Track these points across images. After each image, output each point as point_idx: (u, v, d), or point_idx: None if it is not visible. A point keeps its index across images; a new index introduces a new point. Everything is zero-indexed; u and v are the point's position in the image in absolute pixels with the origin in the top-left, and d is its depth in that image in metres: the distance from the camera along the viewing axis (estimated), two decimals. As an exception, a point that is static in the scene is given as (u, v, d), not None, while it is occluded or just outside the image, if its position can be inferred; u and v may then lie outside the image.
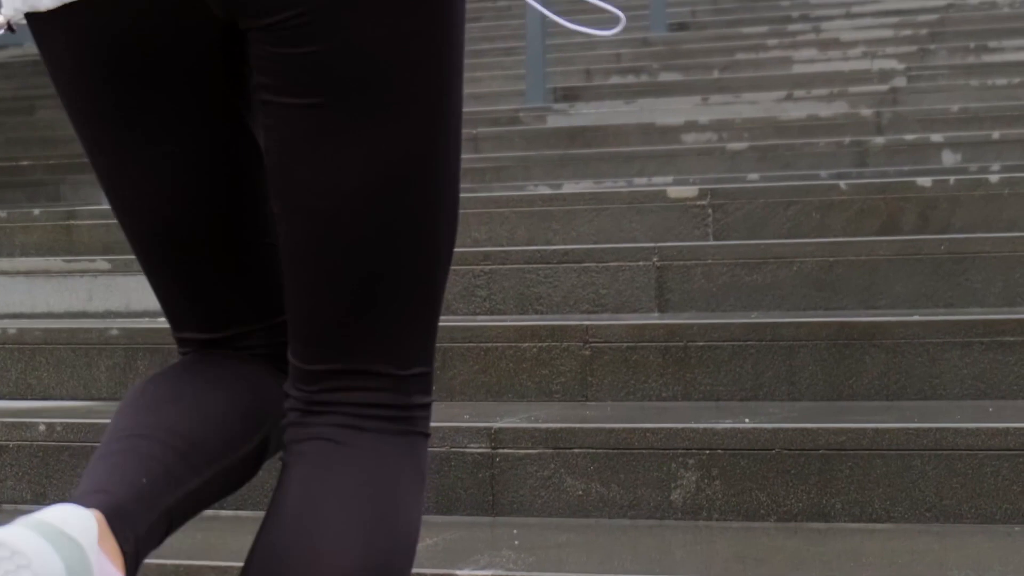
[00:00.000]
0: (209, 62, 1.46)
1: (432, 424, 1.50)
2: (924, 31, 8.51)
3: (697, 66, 8.46)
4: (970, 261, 3.79)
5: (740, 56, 8.66)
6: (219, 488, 1.50)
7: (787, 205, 4.35)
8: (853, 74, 7.76)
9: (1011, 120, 6.54)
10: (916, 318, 3.38)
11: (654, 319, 3.59)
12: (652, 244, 4.05)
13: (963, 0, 9.48)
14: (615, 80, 8.53)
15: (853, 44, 8.53)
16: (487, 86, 8.77)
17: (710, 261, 3.93)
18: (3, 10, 1.48)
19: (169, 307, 1.57)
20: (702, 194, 4.41)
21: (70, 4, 1.42)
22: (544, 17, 8.24)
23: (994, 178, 4.25)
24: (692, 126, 7.05)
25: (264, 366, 1.55)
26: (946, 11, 9.16)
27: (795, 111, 7.29)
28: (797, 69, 8.22)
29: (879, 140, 6.35)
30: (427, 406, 1.48)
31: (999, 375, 3.27)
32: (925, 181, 4.31)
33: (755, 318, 3.62)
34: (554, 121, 7.66)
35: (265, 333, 1.55)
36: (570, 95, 8.26)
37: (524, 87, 8.12)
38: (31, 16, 1.46)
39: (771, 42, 8.75)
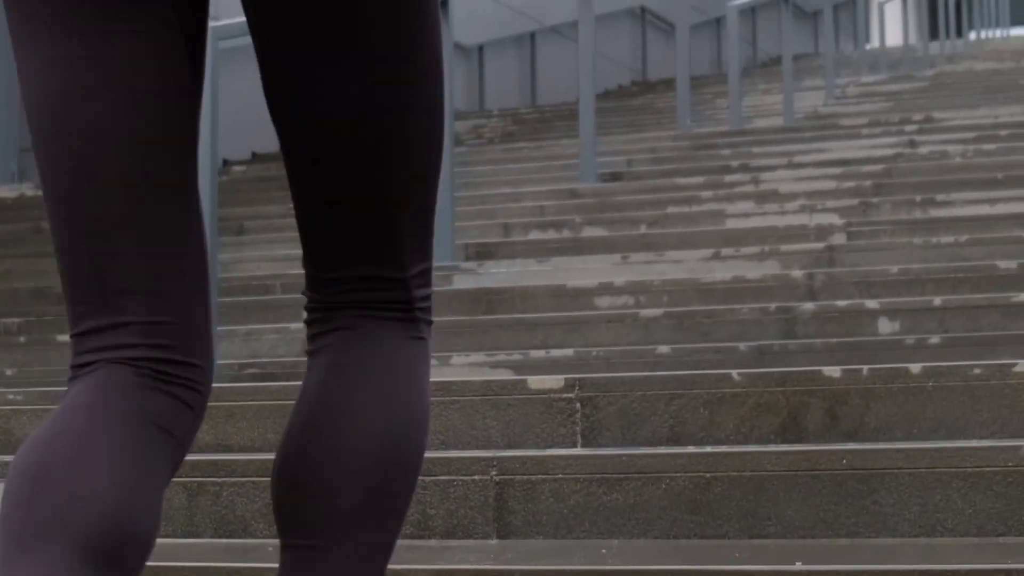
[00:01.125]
0: None
1: None
2: (868, 183, 7.86)
3: (623, 220, 7.79)
4: (879, 479, 3.04)
5: (671, 209, 7.99)
6: None
7: (669, 399, 3.61)
8: (788, 230, 7.08)
9: (955, 283, 5.85)
10: (798, 567, 2.62)
11: (467, 564, 2.83)
12: (491, 454, 3.29)
13: (912, 149, 8.87)
14: (534, 235, 7.84)
15: (792, 197, 7.87)
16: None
17: (560, 476, 3.18)
18: None
19: (81, 282, 1.52)
20: (569, 385, 3.67)
21: None
22: (454, 167, 7.59)
23: (915, 368, 3.52)
24: (607, 288, 6.34)
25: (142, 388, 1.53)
26: (894, 160, 8.54)
27: (721, 271, 6.60)
28: (730, 224, 7.55)
29: (809, 306, 5.64)
30: (428, 297, 1.67)
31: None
32: (834, 371, 3.58)
33: (607, 562, 2.85)
34: (461, 282, 6.96)
35: (148, 338, 1.55)
36: (483, 252, 7.57)
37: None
38: None
39: (705, 194, 8.09)
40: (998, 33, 23.43)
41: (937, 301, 5.50)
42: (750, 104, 14.27)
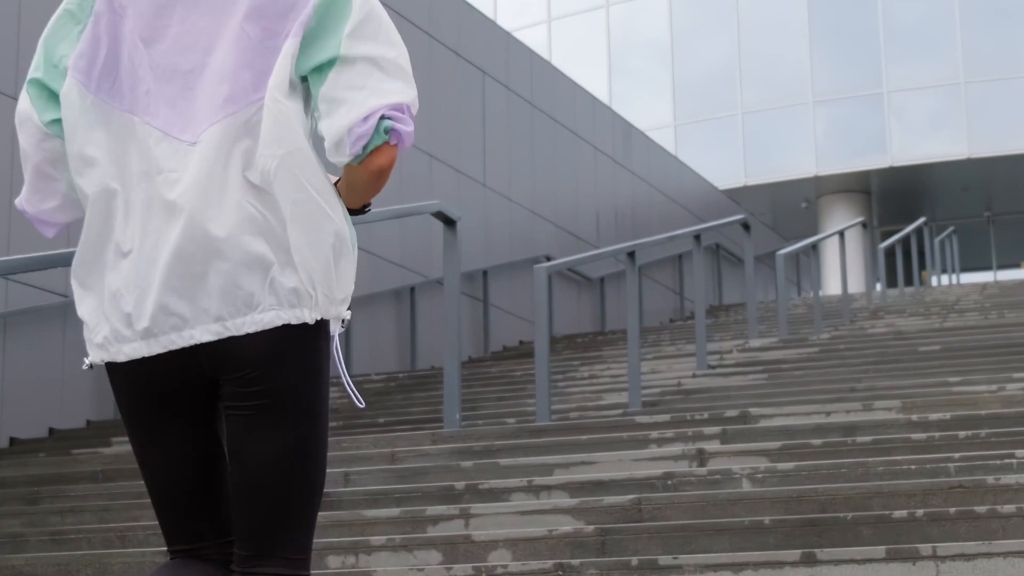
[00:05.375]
0: (201, 398, 2.77)
1: None
2: (593, 528, 5.57)
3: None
4: None
5: (330, 561, 5.72)
6: None
7: None
8: (430, 615, 4.79)
9: None
10: None
11: None
12: None
13: (691, 467, 6.60)
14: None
15: (487, 548, 5.58)
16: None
17: None
18: (91, 357, 2.77)
19: (168, 530, 2.82)
20: None
21: (132, 360, 2.73)
22: None
23: None
24: None
25: (215, 566, 2.80)
26: (659, 486, 6.27)
27: None
28: (378, 595, 5.25)
29: None
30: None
31: None
32: None
33: None
34: None
35: (219, 546, 2.81)
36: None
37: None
38: (109, 363, 2.77)
39: (377, 540, 5.79)
40: (944, 280, 21.35)
41: None
42: (616, 373, 12.09)
